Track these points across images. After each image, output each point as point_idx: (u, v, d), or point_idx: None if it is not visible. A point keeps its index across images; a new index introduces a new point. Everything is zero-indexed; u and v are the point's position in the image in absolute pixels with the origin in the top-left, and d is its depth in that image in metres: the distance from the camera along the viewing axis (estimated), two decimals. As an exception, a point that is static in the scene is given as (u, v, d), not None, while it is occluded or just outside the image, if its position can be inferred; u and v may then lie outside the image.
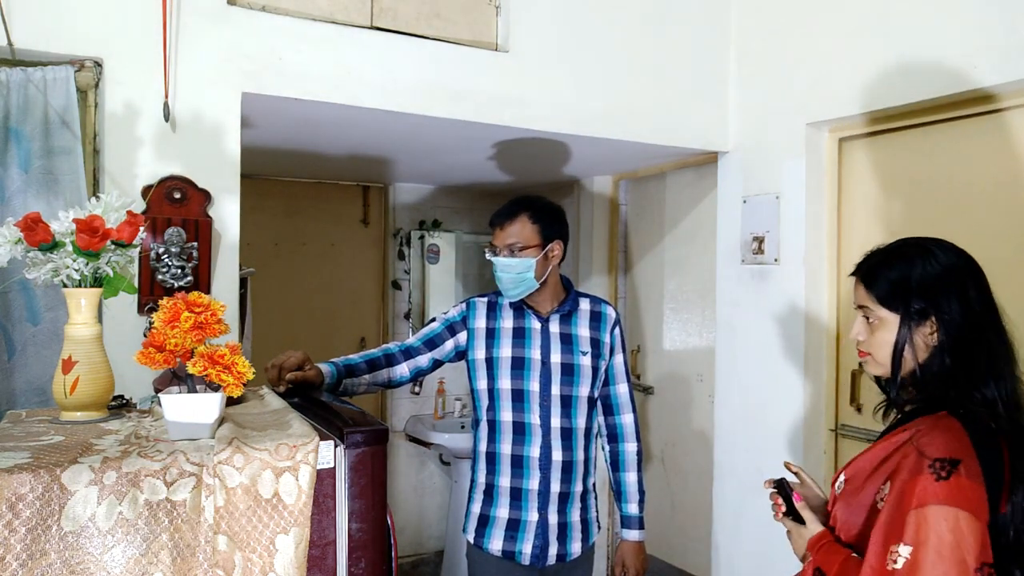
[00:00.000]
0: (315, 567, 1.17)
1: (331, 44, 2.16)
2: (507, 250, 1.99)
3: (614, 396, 2.14)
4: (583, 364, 2.05)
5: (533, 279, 2.00)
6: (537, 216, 2.01)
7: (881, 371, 1.39)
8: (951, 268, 1.33)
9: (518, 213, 2.01)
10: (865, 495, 1.30)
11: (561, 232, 2.06)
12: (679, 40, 2.73)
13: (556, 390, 2.03)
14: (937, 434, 1.23)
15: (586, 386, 2.06)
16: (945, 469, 1.18)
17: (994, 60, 2.02)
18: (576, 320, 2.09)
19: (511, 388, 2.03)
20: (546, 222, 2.02)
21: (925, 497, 1.17)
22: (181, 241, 1.95)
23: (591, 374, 2.06)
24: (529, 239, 1.99)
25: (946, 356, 1.29)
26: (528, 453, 2.02)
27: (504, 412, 2.03)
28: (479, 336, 2.08)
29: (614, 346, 2.12)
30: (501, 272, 2.01)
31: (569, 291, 2.13)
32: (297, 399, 1.57)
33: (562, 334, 2.06)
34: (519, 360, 2.04)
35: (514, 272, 1.99)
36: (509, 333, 2.07)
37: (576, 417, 2.04)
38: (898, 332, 1.33)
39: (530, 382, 2.03)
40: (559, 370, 2.04)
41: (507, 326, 2.08)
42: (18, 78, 1.81)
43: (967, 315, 1.30)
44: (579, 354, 2.05)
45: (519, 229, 2.00)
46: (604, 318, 2.12)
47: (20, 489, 0.99)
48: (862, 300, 1.38)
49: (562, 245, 2.06)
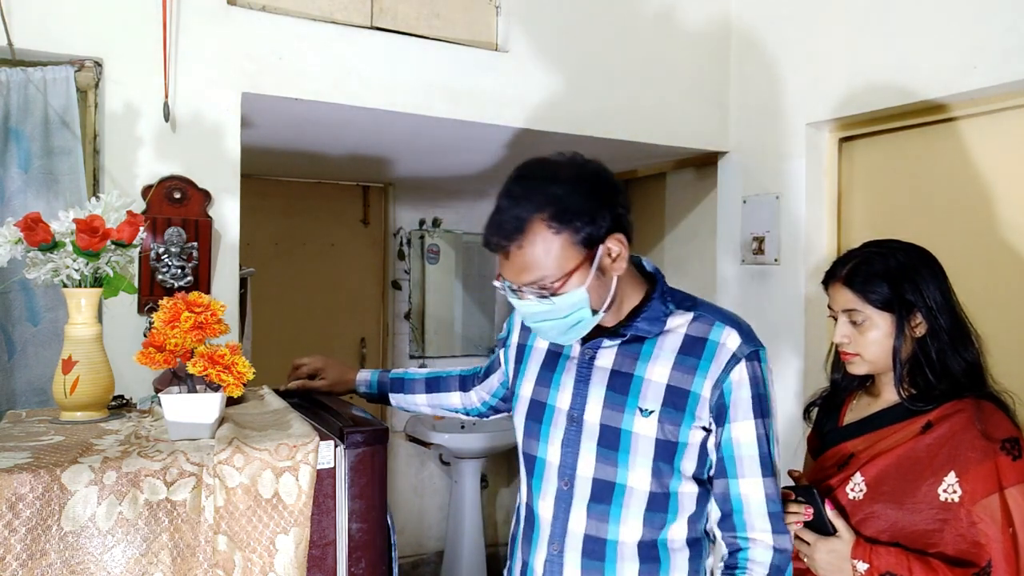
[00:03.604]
0: (315, 567, 1.17)
1: (331, 44, 2.16)
2: (531, 289, 1.18)
3: (734, 500, 1.23)
4: (639, 432, 1.22)
5: (590, 315, 1.21)
6: (562, 213, 1.14)
7: (868, 369, 1.43)
8: (921, 261, 1.41)
9: (528, 223, 1.14)
10: (922, 493, 1.30)
11: (612, 212, 1.19)
12: (679, 40, 2.73)
13: (586, 469, 1.25)
14: (991, 418, 1.30)
15: (643, 470, 1.22)
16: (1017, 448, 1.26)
17: (993, 61, 2.02)
18: (651, 349, 1.25)
19: (523, 450, 1.36)
20: (581, 212, 1.15)
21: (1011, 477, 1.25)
22: (181, 241, 1.95)
23: (656, 450, 1.22)
24: (563, 262, 1.15)
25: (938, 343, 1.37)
26: (532, 560, 1.32)
27: (523, 480, 1.38)
28: (512, 358, 1.46)
29: (727, 404, 1.22)
30: (531, 322, 1.23)
31: (653, 292, 1.29)
32: (297, 399, 1.57)
33: (615, 372, 1.26)
34: (537, 407, 1.34)
35: (556, 319, 1.20)
36: (540, 356, 1.38)
37: (620, 522, 1.24)
38: (895, 328, 1.37)
39: (547, 445, 1.30)
40: (596, 434, 1.25)
41: (540, 345, 1.39)
42: (18, 78, 1.80)
43: (946, 301, 1.39)
44: (635, 412, 1.23)
45: (540, 253, 1.14)
46: (710, 350, 1.22)
47: (20, 489, 0.99)
48: (848, 303, 1.41)
49: (622, 232, 1.20)
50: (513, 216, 1.15)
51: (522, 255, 1.15)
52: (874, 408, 1.45)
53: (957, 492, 1.26)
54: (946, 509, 1.27)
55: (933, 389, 1.36)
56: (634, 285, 1.29)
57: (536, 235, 1.14)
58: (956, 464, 1.27)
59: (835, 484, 1.42)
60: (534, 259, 1.15)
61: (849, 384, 1.53)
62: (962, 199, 2.21)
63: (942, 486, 1.28)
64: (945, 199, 2.25)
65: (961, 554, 1.25)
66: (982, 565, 1.23)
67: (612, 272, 1.21)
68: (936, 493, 1.28)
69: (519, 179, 1.20)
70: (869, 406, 1.47)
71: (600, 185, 1.20)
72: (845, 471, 1.42)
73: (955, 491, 1.26)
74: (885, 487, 1.34)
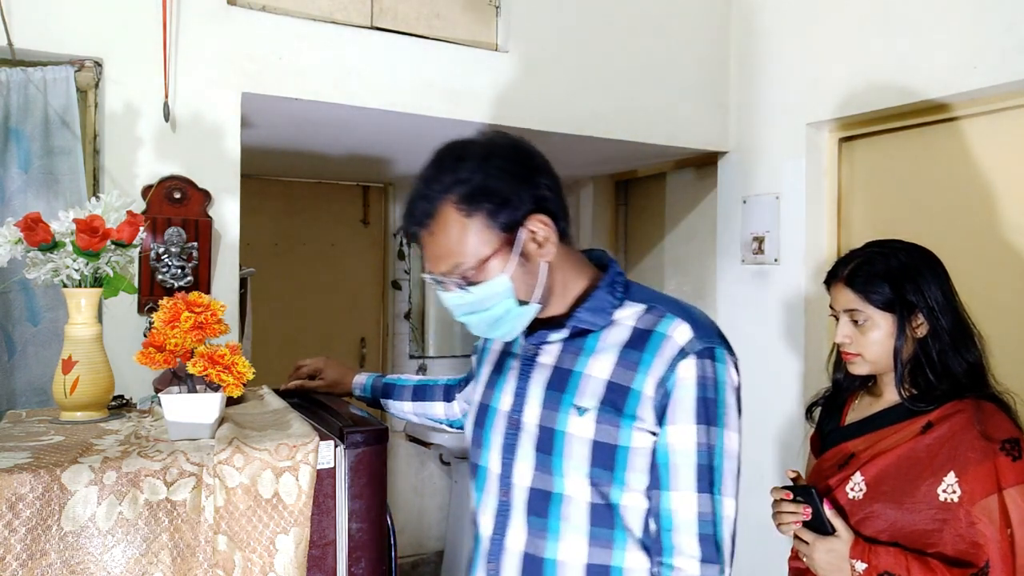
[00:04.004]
0: (315, 567, 1.17)
1: (331, 44, 2.16)
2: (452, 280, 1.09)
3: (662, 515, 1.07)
4: (574, 433, 1.09)
5: (516, 306, 1.10)
6: (472, 195, 1.05)
7: (870, 370, 1.43)
8: (923, 261, 1.41)
9: (437, 207, 1.07)
10: (922, 493, 1.30)
11: (533, 191, 1.08)
12: (679, 40, 2.73)
13: (524, 477, 1.13)
14: (991, 418, 1.30)
15: (578, 475, 1.08)
16: (1017, 449, 1.26)
17: (993, 61, 2.02)
18: (595, 343, 1.13)
19: (469, 459, 1.26)
20: (492, 192, 1.06)
21: (1009, 477, 1.24)
22: (181, 241, 1.95)
23: (593, 453, 1.08)
24: (477, 247, 1.06)
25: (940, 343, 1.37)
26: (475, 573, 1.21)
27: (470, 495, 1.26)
28: (476, 363, 1.36)
29: (667, 402, 1.07)
30: (458, 316, 1.13)
31: (601, 279, 1.17)
32: (297, 399, 1.57)
33: (557, 369, 1.14)
34: (482, 411, 1.22)
35: (480, 311, 1.10)
36: (494, 358, 1.27)
37: (559, 538, 1.09)
38: (896, 328, 1.37)
39: (488, 451, 1.19)
40: (535, 438, 1.12)
41: (496, 346, 1.29)
42: (18, 78, 1.80)
43: (948, 302, 1.39)
44: (570, 410, 1.10)
45: (453, 239, 1.06)
46: (655, 343, 1.08)
47: (20, 489, 0.99)
48: (849, 303, 1.41)
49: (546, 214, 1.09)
50: (423, 200, 1.08)
51: (435, 242, 1.08)
52: (875, 408, 1.45)
53: (956, 492, 1.26)
54: (945, 509, 1.27)
55: (934, 389, 1.36)
56: (580, 274, 1.17)
57: (446, 219, 1.06)
58: (956, 464, 1.27)
59: (835, 484, 1.42)
60: (447, 245, 1.07)
61: (851, 384, 1.53)
62: (962, 199, 2.21)
63: (941, 486, 1.28)
64: (945, 199, 2.25)
65: (960, 554, 1.25)
66: (980, 566, 1.24)
67: (539, 258, 1.10)
68: (935, 493, 1.28)
69: (431, 161, 1.11)
70: (871, 406, 1.47)
71: (515, 162, 1.09)
72: (845, 471, 1.42)
73: (954, 491, 1.26)
74: (885, 487, 1.34)
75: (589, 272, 1.18)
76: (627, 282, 1.18)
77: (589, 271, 1.19)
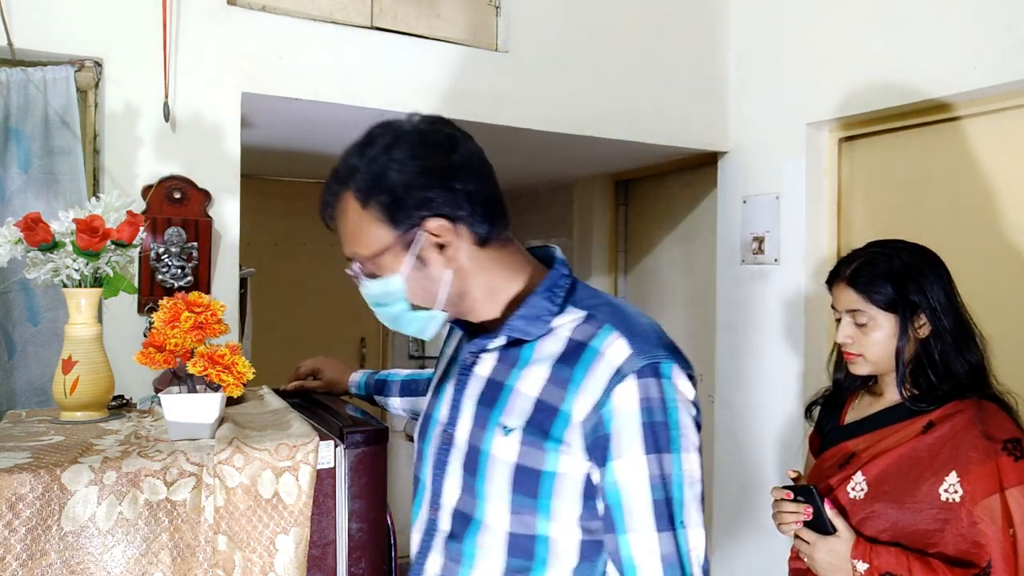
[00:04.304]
0: (315, 567, 1.17)
1: (331, 44, 2.16)
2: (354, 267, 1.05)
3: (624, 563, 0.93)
4: (497, 455, 0.98)
5: (407, 309, 1.04)
6: (367, 185, 0.98)
7: (871, 370, 1.43)
8: (925, 261, 1.41)
9: (339, 194, 1.02)
10: (923, 493, 1.30)
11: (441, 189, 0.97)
12: (679, 40, 2.73)
13: (451, 496, 1.04)
14: (992, 418, 1.30)
15: (499, 503, 0.98)
16: (1019, 449, 1.26)
17: (993, 61, 2.02)
18: (530, 354, 1.01)
19: (413, 471, 1.17)
20: (385, 185, 0.97)
21: (1011, 477, 1.24)
22: (181, 241, 1.95)
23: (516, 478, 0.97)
24: (369, 241, 1.00)
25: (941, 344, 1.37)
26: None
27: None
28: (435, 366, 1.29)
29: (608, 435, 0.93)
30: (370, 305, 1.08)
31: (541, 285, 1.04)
32: (297, 399, 1.57)
33: (490, 381, 1.04)
34: (425, 421, 1.15)
35: (378, 307, 1.06)
36: (443, 365, 1.20)
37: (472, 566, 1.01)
38: (898, 329, 1.37)
39: (426, 464, 1.11)
40: (463, 455, 1.03)
41: (447, 351, 1.22)
42: (18, 78, 1.80)
43: (950, 302, 1.39)
44: (496, 428, 0.99)
45: (351, 228, 1.01)
46: (587, 360, 0.96)
47: (20, 489, 0.99)
48: (851, 304, 1.41)
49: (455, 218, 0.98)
50: (331, 182, 1.03)
51: (338, 229, 1.03)
52: (876, 408, 1.45)
53: (958, 492, 1.26)
54: (947, 509, 1.27)
55: (935, 390, 1.36)
56: (514, 277, 1.04)
57: (346, 208, 1.01)
58: (957, 464, 1.27)
59: (835, 483, 1.42)
60: (345, 232, 1.02)
61: (851, 384, 1.53)
62: (963, 199, 2.21)
63: (943, 486, 1.28)
64: (945, 199, 2.25)
65: (961, 554, 1.25)
66: (982, 566, 1.23)
67: (442, 264, 0.99)
68: (937, 493, 1.28)
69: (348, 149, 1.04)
70: (871, 406, 1.47)
71: (424, 158, 0.97)
72: (846, 470, 1.42)
73: (956, 491, 1.26)
74: (886, 487, 1.34)
75: (528, 274, 1.06)
76: (574, 284, 1.06)
77: (528, 273, 1.06)
